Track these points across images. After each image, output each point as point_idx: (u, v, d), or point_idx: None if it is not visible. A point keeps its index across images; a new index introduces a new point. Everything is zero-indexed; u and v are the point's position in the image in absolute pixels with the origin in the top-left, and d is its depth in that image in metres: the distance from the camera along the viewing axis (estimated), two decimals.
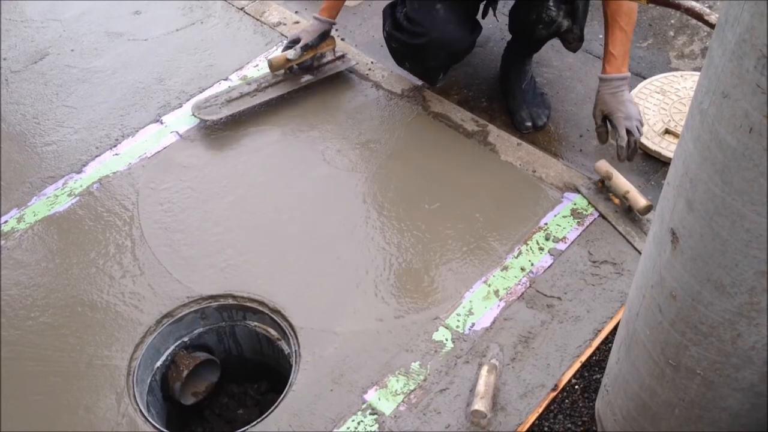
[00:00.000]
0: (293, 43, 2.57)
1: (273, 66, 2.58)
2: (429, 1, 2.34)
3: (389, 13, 2.46)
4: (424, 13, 2.34)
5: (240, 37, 2.93)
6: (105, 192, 2.39)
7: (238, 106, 2.55)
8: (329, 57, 2.69)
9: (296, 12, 3.03)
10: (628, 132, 2.16)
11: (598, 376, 1.90)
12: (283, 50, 2.61)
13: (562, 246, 2.18)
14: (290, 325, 2.05)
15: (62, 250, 2.24)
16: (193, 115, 2.53)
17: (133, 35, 2.97)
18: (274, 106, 2.62)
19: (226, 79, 2.74)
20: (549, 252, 2.17)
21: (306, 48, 2.55)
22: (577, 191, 2.32)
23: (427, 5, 2.34)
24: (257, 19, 3.00)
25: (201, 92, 2.69)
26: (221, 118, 2.52)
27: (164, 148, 2.51)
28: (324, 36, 2.57)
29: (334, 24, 2.57)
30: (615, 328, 1.96)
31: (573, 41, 2.40)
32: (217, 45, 2.91)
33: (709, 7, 2.89)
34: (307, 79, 2.66)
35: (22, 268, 2.20)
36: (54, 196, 2.38)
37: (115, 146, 2.53)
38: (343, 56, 2.72)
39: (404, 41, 2.41)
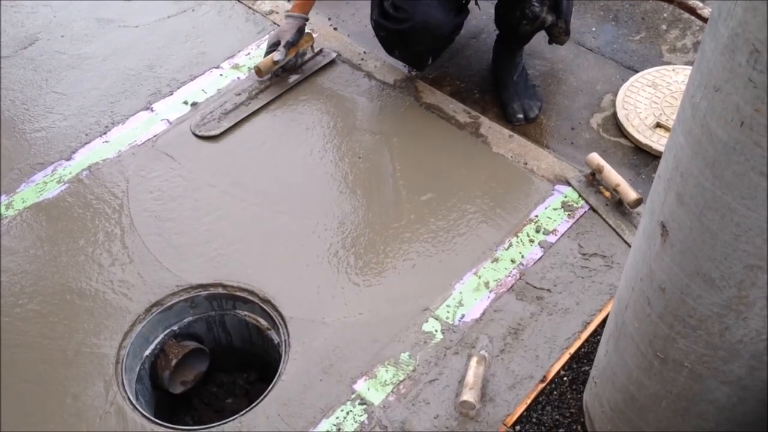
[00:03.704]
0: (274, 46, 2.57)
1: (262, 71, 2.56)
2: None
3: (376, 2, 2.46)
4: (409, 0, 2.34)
5: (232, 25, 2.91)
6: (94, 179, 2.38)
7: (236, 117, 2.52)
8: (309, 54, 2.70)
9: (288, 0, 3.01)
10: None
11: (587, 368, 1.90)
12: (266, 55, 2.59)
13: (552, 238, 2.19)
14: (280, 314, 2.04)
15: (51, 238, 2.23)
16: (194, 134, 2.48)
17: (123, 22, 2.94)
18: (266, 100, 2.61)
19: (217, 67, 2.72)
20: (539, 244, 2.17)
21: (288, 46, 2.55)
22: (568, 184, 2.32)
23: None
24: (249, 7, 2.98)
25: (192, 80, 2.68)
26: (222, 132, 2.49)
27: (154, 135, 2.49)
28: (301, 32, 2.58)
29: (308, 20, 2.59)
30: (604, 321, 1.97)
31: (559, 35, 2.42)
32: (209, 33, 2.88)
33: (702, 1, 2.89)
34: (295, 78, 2.64)
35: (11, 255, 2.19)
36: (43, 183, 2.37)
37: (105, 133, 2.51)
38: (321, 51, 2.73)
39: (390, 28, 2.41)
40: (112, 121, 2.56)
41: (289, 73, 2.66)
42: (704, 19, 2.87)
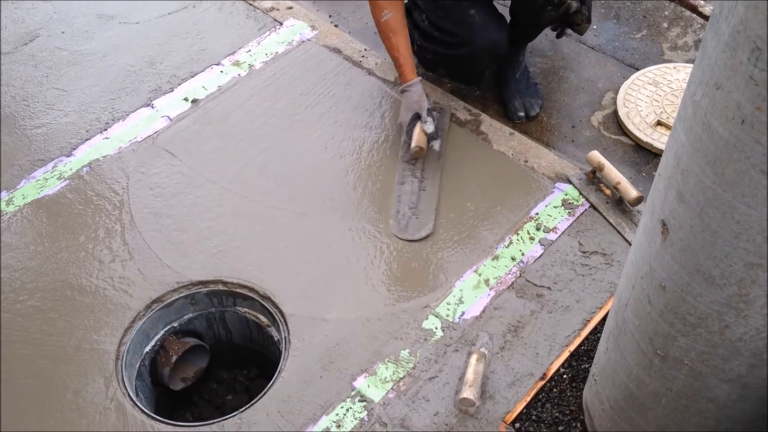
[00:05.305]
0: (414, 119, 2.32)
1: (423, 148, 2.30)
2: (460, 9, 2.29)
3: (411, 25, 2.37)
4: (460, 22, 2.29)
5: (232, 22, 2.91)
6: (95, 176, 2.38)
7: (428, 208, 2.26)
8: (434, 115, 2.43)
9: None
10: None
11: (587, 365, 1.91)
12: (407, 134, 2.34)
13: (552, 236, 2.19)
14: (280, 311, 2.04)
15: (51, 234, 2.23)
16: (405, 240, 2.19)
17: (124, 18, 2.94)
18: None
19: (218, 64, 2.72)
20: (539, 242, 2.17)
21: (430, 113, 2.32)
22: (569, 182, 2.32)
23: (459, 13, 2.29)
24: (250, 4, 2.98)
25: (193, 77, 2.67)
26: (431, 228, 2.21)
27: (155, 132, 2.49)
28: (427, 96, 2.37)
29: (421, 80, 2.38)
30: (604, 319, 1.97)
31: (581, 23, 2.36)
32: (210, 29, 2.88)
33: None
34: (439, 144, 2.35)
35: (11, 251, 2.19)
36: (43, 179, 2.37)
37: (106, 130, 2.51)
38: (435, 108, 2.49)
39: (443, 53, 2.37)
40: (112, 117, 2.56)
41: (429, 140, 2.34)
42: (705, 17, 2.86)
